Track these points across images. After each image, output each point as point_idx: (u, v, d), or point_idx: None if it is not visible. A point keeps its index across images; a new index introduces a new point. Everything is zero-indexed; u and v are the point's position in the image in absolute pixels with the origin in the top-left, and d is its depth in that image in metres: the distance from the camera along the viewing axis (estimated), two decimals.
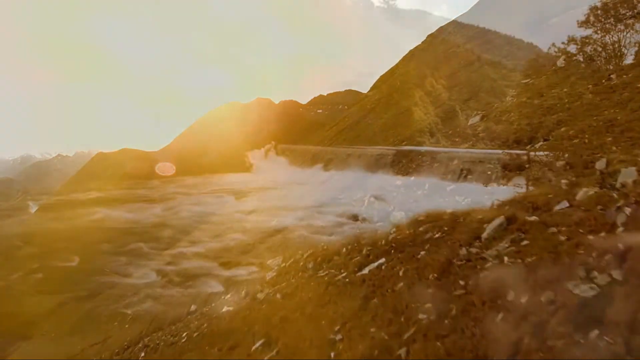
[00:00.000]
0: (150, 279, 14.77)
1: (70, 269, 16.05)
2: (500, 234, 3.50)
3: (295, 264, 6.15)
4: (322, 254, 5.58)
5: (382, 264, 4.08)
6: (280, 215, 25.09)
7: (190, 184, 41.47)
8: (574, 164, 5.40)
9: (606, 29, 12.58)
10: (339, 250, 5.34)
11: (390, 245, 4.56)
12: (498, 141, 9.50)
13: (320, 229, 21.63)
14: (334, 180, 39.81)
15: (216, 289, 12.86)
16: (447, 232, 3.99)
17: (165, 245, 19.11)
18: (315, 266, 5.39)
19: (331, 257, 5.31)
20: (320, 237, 18.07)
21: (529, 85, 8.97)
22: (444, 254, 3.54)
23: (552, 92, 8.65)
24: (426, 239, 4.08)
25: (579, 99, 8.56)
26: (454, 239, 3.76)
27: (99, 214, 26.59)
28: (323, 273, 4.83)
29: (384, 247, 4.58)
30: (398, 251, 4.24)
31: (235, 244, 19.36)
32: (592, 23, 12.79)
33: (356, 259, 4.70)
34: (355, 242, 5.39)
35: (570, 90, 9.24)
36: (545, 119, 8.18)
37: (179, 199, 32.41)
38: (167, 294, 13.19)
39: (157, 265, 16.27)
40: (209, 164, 48.97)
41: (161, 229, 22.39)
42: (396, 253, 4.20)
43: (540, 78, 9.02)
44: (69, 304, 12.47)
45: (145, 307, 12.07)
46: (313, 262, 5.50)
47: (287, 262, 6.49)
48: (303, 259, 6.02)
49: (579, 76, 10.71)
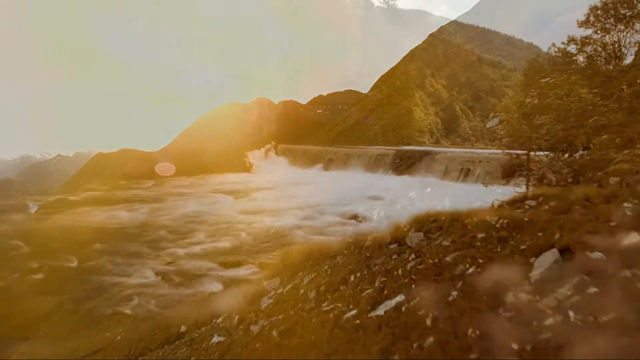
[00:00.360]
0: (150, 279, 14.74)
1: (70, 269, 16.03)
2: (557, 274, 2.74)
3: (294, 290, 5.37)
4: (326, 282, 4.83)
5: (401, 304, 3.34)
6: (280, 215, 25.08)
7: (190, 184, 41.45)
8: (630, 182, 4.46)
9: (606, 29, 12.56)
10: (346, 277, 4.60)
11: (409, 276, 3.75)
12: (526, 147, 8.75)
13: (320, 229, 21.62)
14: (334, 180, 39.80)
15: (216, 289, 12.86)
16: (482, 266, 3.30)
17: (164, 245, 19.09)
18: (318, 296, 4.63)
19: (337, 286, 4.56)
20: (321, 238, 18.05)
21: (551, 84, 8.46)
22: (485, 301, 2.76)
23: (580, 92, 8.00)
24: (457, 275, 3.33)
25: (618, 101, 7.89)
26: (496, 276, 2.99)
27: (98, 214, 26.57)
28: (327, 307, 4.11)
29: (402, 278, 3.80)
30: (420, 286, 3.44)
31: (235, 244, 19.35)
32: (592, 23, 12.77)
33: (368, 292, 3.89)
34: (364, 266, 4.64)
35: (603, 90, 8.44)
36: (581, 123, 7.36)
37: (178, 199, 32.40)
38: (167, 294, 13.18)
39: (157, 265, 16.25)
40: (208, 164, 48.96)
41: (161, 229, 22.37)
42: (418, 289, 3.40)
43: (561, 76, 8.53)
44: (68, 305, 12.45)
45: (145, 308, 12.06)
46: (315, 291, 4.77)
47: (285, 287, 5.74)
48: (303, 285, 5.30)
49: (605, 75, 10.10)
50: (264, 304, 5.57)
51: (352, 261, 5.12)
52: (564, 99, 7.76)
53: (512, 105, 9.14)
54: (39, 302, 12.61)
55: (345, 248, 5.95)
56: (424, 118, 57.90)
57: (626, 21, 12.21)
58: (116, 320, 11.04)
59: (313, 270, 5.74)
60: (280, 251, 12.25)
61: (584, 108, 7.45)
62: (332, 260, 5.72)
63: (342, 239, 6.68)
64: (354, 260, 5.13)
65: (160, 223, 23.97)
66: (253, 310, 5.64)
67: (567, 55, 12.92)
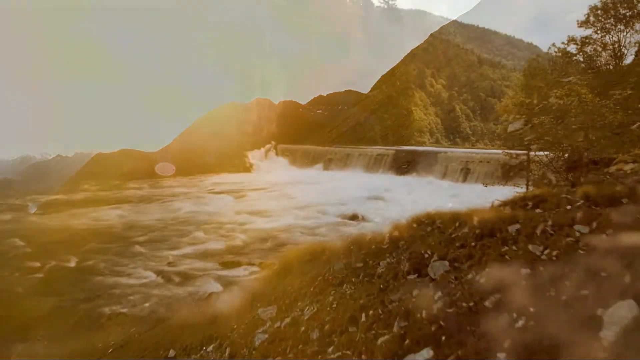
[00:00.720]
0: (149, 279, 14.72)
1: (69, 270, 16.01)
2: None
3: (294, 327, 4.59)
4: (332, 319, 4.07)
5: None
6: (280, 215, 25.06)
7: (190, 184, 41.44)
8: None
9: (606, 29, 12.55)
10: (356, 315, 3.83)
11: (437, 323, 2.96)
12: (555, 149, 7.76)
13: (320, 229, 21.61)
14: (334, 180, 39.77)
15: (216, 289, 12.85)
16: (534, 317, 2.60)
17: (164, 246, 19.07)
18: (322, 337, 3.87)
19: (344, 326, 3.77)
20: (321, 239, 18.02)
21: (573, 84, 7.91)
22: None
23: (614, 92, 7.35)
24: (501, 326, 2.67)
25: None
26: (556, 333, 2.27)
27: (98, 215, 26.55)
28: (334, 354, 3.40)
29: (428, 325, 3.02)
30: (453, 339, 2.68)
31: (234, 244, 19.33)
32: (592, 23, 12.77)
33: (384, 340, 3.12)
34: (378, 301, 3.88)
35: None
36: (626, 131, 6.47)
37: (178, 199, 32.38)
38: (167, 294, 13.16)
39: (157, 265, 16.22)
40: (208, 164, 48.95)
41: (160, 229, 22.35)
42: (450, 343, 2.65)
43: (585, 75, 8.02)
44: (67, 305, 12.42)
45: (145, 308, 12.04)
46: (319, 331, 4.03)
47: (282, 321, 4.94)
48: (304, 320, 4.54)
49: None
50: (258, 339, 4.86)
51: (361, 293, 4.32)
52: (589, 101, 7.44)
53: (533, 106, 8.71)
54: (38, 302, 12.58)
55: (347, 253, 5.53)
56: (424, 118, 57.92)
57: (626, 21, 12.20)
58: (115, 321, 11.03)
59: (315, 301, 4.90)
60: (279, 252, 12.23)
61: (602, 110, 7.09)
62: (337, 289, 4.85)
63: (342, 241, 6.47)
64: (363, 291, 4.33)
65: (160, 223, 23.95)
66: (246, 345, 5.00)
67: (567, 55, 12.91)
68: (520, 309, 2.67)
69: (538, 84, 10.85)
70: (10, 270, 15.79)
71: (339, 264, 5.36)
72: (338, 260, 5.52)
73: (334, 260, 5.69)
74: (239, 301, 6.69)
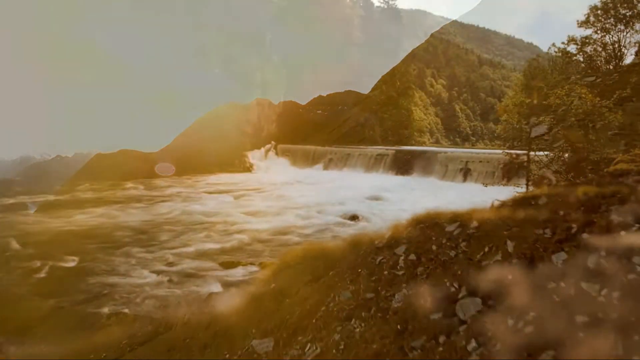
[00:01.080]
0: (149, 279, 14.71)
1: (69, 270, 16.00)
2: None
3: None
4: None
5: None
6: (280, 215, 25.07)
7: (190, 184, 41.43)
8: None
9: (606, 29, 12.56)
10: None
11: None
12: (563, 160, 7.38)
13: (320, 229, 21.61)
14: (334, 180, 39.79)
15: (216, 289, 12.83)
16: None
17: (164, 246, 19.06)
18: None
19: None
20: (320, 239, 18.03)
21: (598, 84, 7.76)
22: None
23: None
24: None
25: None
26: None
27: (97, 215, 26.54)
28: None
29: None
30: None
31: (234, 244, 19.33)
32: (592, 23, 12.78)
33: None
34: (396, 347, 3.25)
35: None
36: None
37: (178, 199, 32.38)
38: (167, 294, 13.15)
39: (156, 265, 16.22)
40: (208, 164, 48.95)
41: (160, 229, 22.34)
42: None
43: (610, 74, 7.94)
44: (66, 306, 12.42)
45: (145, 308, 12.03)
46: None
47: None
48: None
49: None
50: None
51: (374, 334, 3.57)
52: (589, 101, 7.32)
53: (533, 106, 8.59)
54: (37, 302, 12.58)
55: (355, 278, 4.85)
56: (424, 118, 57.98)
57: (626, 21, 12.21)
58: (115, 321, 11.02)
59: (318, 338, 4.26)
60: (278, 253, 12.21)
61: (602, 110, 6.99)
62: (344, 324, 4.12)
63: (342, 243, 6.35)
64: (377, 332, 3.58)
65: (159, 223, 23.94)
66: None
67: (567, 55, 12.92)
68: (519, 307, 2.64)
69: (538, 84, 10.85)
70: (9, 271, 15.79)
71: (345, 293, 4.60)
72: (344, 288, 4.77)
73: (338, 285, 4.95)
74: (233, 320, 5.85)
